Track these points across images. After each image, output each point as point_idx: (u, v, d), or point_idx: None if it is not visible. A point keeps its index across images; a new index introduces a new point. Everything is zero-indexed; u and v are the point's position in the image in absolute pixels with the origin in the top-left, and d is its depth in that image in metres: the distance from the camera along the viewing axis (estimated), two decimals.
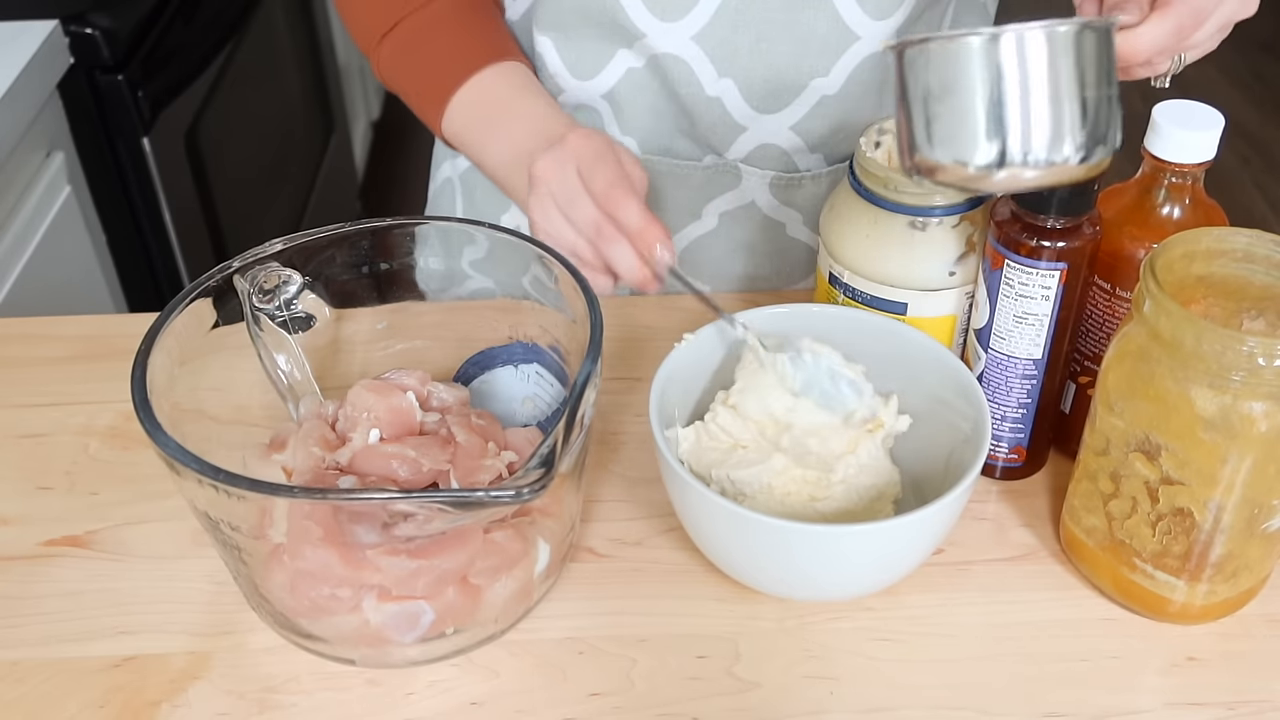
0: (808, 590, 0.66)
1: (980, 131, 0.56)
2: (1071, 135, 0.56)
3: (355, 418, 0.68)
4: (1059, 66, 0.55)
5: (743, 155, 0.87)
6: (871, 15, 0.80)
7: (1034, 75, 0.55)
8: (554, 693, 0.63)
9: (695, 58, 0.82)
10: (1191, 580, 0.63)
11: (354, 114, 2.56)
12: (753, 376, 0.69)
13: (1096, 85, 0.57)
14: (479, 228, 0.71)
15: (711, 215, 0.91)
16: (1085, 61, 0.56)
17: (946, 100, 0.57)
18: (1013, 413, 0.71)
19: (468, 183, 0.98)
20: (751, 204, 0.90)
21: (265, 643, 0.66)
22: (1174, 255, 0.61)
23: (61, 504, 0.75)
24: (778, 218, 0.91)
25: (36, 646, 0.66)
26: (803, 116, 0.85)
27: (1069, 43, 0.55)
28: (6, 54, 1.24)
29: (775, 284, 0.94)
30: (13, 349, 0.87)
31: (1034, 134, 0.56)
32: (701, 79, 0.83)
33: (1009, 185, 0.58)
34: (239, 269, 0.67)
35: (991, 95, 0.55)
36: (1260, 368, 0.56)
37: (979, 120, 0.56)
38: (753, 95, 0.83)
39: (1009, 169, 0.57)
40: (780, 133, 0.86)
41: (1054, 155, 0.56)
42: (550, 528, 0.65)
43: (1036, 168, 0.57)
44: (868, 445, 0.68)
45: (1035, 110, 0.56)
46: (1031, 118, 0.56)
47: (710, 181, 0.89)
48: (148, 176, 1.46)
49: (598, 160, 0.71)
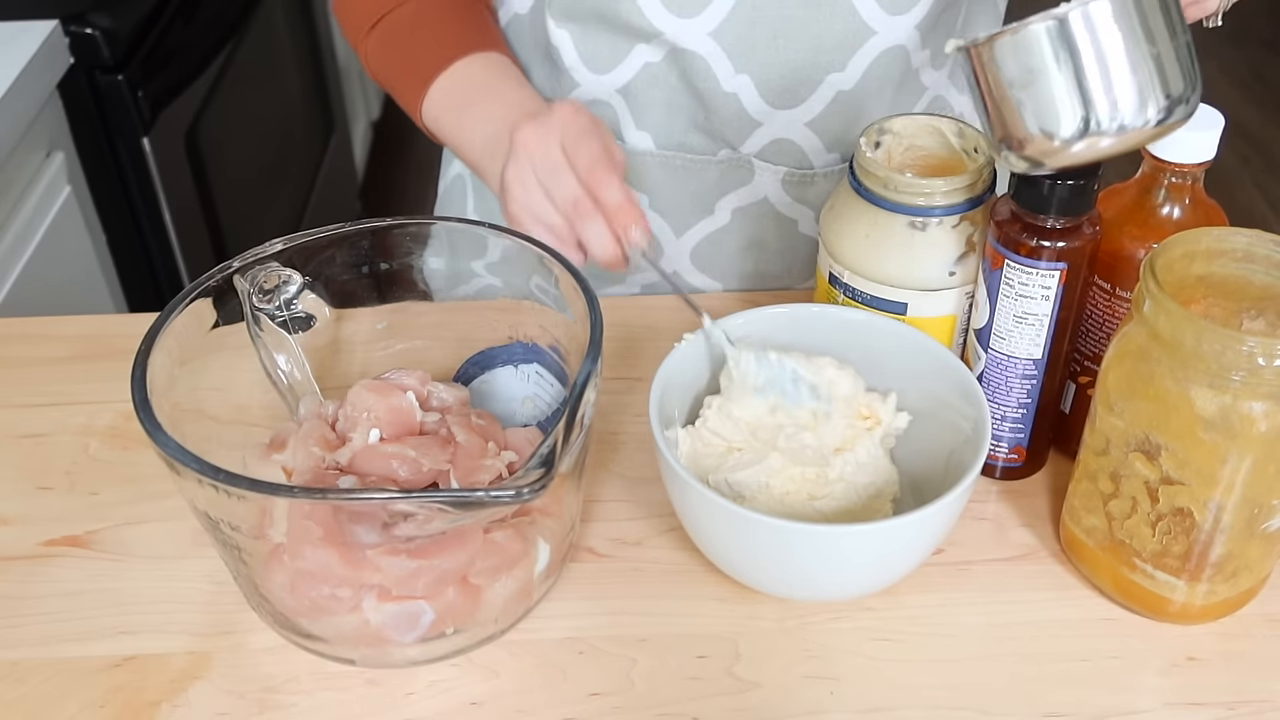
0: (808, 590, 0.66)
1: (1064, 110, 0.58)
2: (1153, 97, 0.58)
3: (355, 418, 0.68)
4: (1127, 32, 0.56)
5: (757, 150, 0.87)
6: (888, 10, 0.80)
7: (1106, 47, 0.56)
8: (554, 693, 0.63)
9: (712, 53, 0.82)
10: (1191, 580, 0.63)
11: (354, 114, 2.56)
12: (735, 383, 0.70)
13: (1170, 37, 0.57)
14: (485, 229, 0.71)
15: (724, 211, 0.91)
16: (1150, 20, 0.57)
17: (1026, 87, 0.58)
18: (1013, 413, 0.71)
19: (478, 179, 0.98)
20: (764, 200, 0.90)
21: (265, 643, 0.66)
22: (1174, 255, 0.61)
23: (61, 504, 0.75)
24: (790, 214, 0.91)
25: (36, 646, 0.66)
26: (819, 113, 0.85)
27: (1129, 7, 0.56)
28: (6, 54, 1.24)
29: (786, 282, 0.94)
30: (13, 349, 0.87)
31: (1118, 103, 0.57)
32: (719, 74, 0.83)
33: (1096, 154, 0.60)
34: (239, 269, 0.67)
35: (1067, 77, 0.57)
36: (1260, 368, 0.56)
37: (1061, 100, 0.58)
38: (769, 91, 0.84)
39: (1090, 138, 0.58)
40: (795, 128, 0.86)
41: (1137, 120, 0.58)
42: (550, 528, 0.65)
43: (1121, 134, 0.58)
44: (866, 443, 0.68)
45: (1115, 80, 0.57)
46: (1111, 89, 0.57)
47: (724, 177, 0.89)
48: (148, 176, 1.46)
49: (582, 135, 0.71)
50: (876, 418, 0.69)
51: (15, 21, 1.30)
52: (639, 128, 0.88)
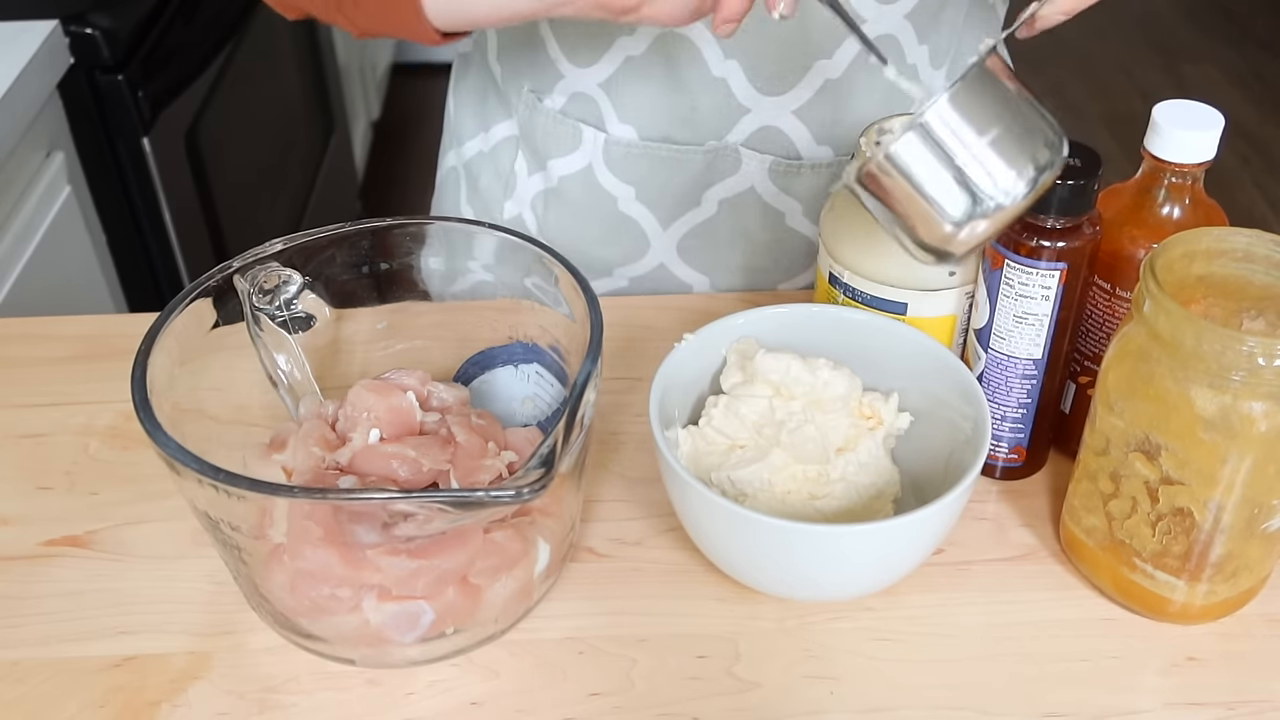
0: (808, 590, 0.66)
1: (933, 214, 0.58)
2: (1017, 172, 0.57)
3: (355, 418, 0.68)
4: (960, 134, 0.56)
5: (744, 139, 0.88)
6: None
7: (949, 151, 0.56)
8: (554, 693, 0.63)
9: (702, 38, 0.82)
10: (1191, 580, 0.63)
11: (354, 114, 2.56)
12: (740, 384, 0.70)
13: (1011, 117, 0.57)
14: (481, 228, 0.71)
15: (711, 202, 0.91)
16: (983, 109, 0.57)
17: (898, 206, 0.59)
18: (1013, 413, 0.71)
19: (471, 171, 0.98)
20: (751, 190, 0.90)
21: (265, 643, 0.66)
22: (1174, 255, 0.61)
23: (61, 504, 0.75)
24: (777, 206, 0.91)
25: (36, 646, 0.66)
26: (806, 101, 0.85)
27: (951, 113, 0.56)
28: (6, 54, 1.25)
29: (774, 276, 0.95)
30: (13, 349, 0.87)
31: (984, 189, 0.57)
32: (708, 59, 0.83)
33: (980, 239, 0.59)
34: (239, 269, 0.67)
35: (922, 188, 0.57)
36: (1260, 368, 0.56)
37: (927, 209, 0.58)
38: (757, 77, 0.84)
39: (970, 225, 0.58)
40: (783, 116, 0.86)
41: (1004, 199, 0.57)
42: (550, 528, 0.65)
43: (993, 215, 0.58)
44: (867, 443, 0.68)
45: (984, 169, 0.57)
46: (983, 177, 0.57)
47: (710, 167, 0.89)
48: (148, 176, 1.46)
49: None
50: (878, 418, 0.69)
51: (15, 21, 1.30)
52: (622, 121, 0.88)
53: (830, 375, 0.69)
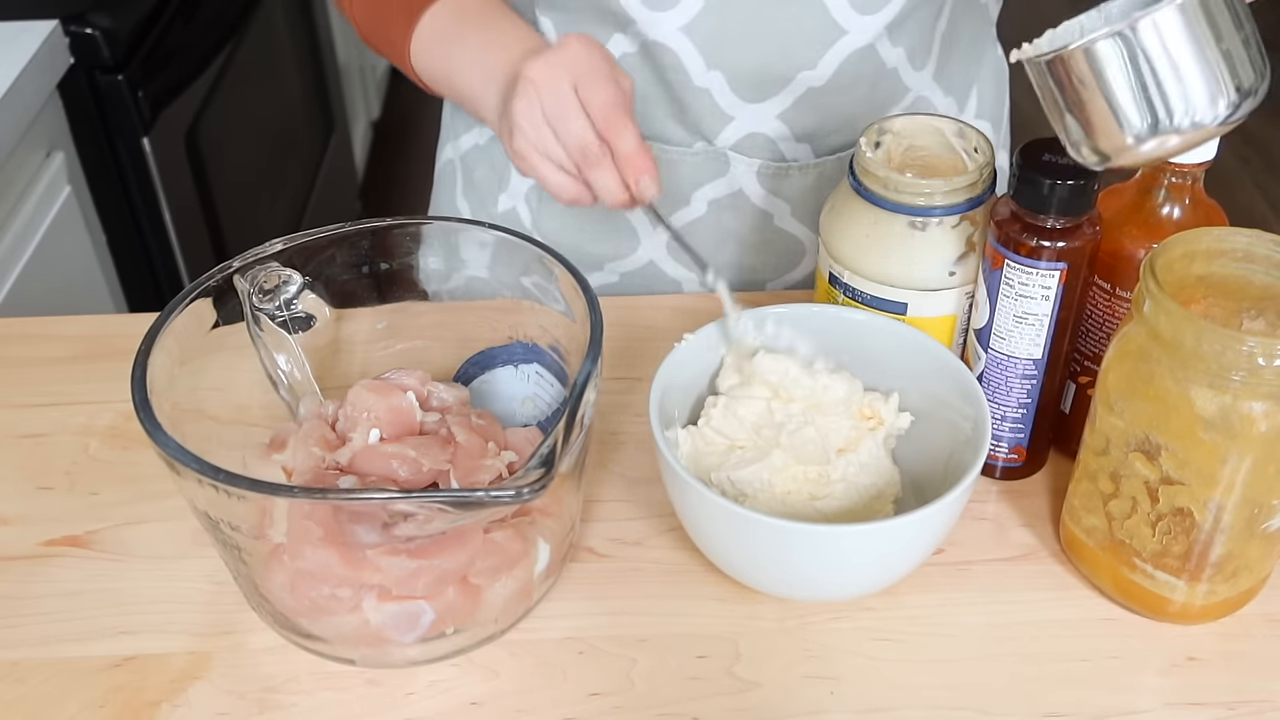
0: (808, 590, 0.66)
1: (1133, 114, 0.57)
2: (1223, 93, 0.57)
3: (355, 418, 0.68)
4: (1193, 34, 0.56)
5: (731, 143, 0.88)
6: (859, 10, 0.80)
7: (1175, 52, 0.56)
8: (554, 693, 0.63)
9: (684, 48, 0.82)
10: (1191, 580, 0.63)
11: (354, 114, 2.56)
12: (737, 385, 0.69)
13: (1236, 30, 0.57)
14: (481, 227, 0.71)
15: (700, 202, 0.91)
16: (1217, 18, 0.56)
17: (1095, 94, 0.57)
18: (1013, 413, 0.71)
19: (468, 163, 0.98)
20: (740, 192, 0.90)
21: (265, 643, 0.66)
22: (1174, 255, 0.61)
23: (61, 504, 0.75)
24: (766, 207, 0.91)
25: (36, 646, 0.66)
26: (789, 106, 0.85)
27: (1196, 11, 0.55)
28: (6, 54, 1.24)
29: (763, 275, 0.95)
30: (13, 349, 0.87)
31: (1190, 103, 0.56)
32: (690, 69, 0.83)
33: (1166, 152, 0.59)
34: (239, 269, 0.67)
35: (1137, 82, 0.56)
36: (1260, 368, 0.56)
37: (1129, 106, 0.57)
38: (740, 87, 0.84)
39: (1160, 137, 0.57)
40: (768, 122, 0.86)
41: (1204, 118, 0.57)
42: (550, 528, 0.65)
43: (1188, 131, 0.57)
44: (868, 444, 0.68)
45: (1186, 82, 0.56)
46: (1184, 90, 0.56)
47: (699, 168, 0.89)
48: (148, 176, 1.46)
49: (596, 76, 0.69)
50: (879, 418, 0.69)
51: (15, 21, 1.30)
52: None
53: (830, 379, 0.69)
